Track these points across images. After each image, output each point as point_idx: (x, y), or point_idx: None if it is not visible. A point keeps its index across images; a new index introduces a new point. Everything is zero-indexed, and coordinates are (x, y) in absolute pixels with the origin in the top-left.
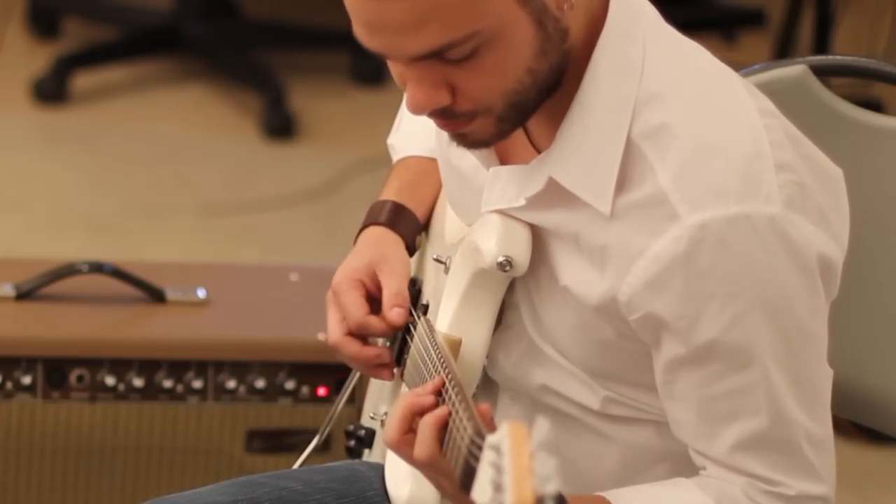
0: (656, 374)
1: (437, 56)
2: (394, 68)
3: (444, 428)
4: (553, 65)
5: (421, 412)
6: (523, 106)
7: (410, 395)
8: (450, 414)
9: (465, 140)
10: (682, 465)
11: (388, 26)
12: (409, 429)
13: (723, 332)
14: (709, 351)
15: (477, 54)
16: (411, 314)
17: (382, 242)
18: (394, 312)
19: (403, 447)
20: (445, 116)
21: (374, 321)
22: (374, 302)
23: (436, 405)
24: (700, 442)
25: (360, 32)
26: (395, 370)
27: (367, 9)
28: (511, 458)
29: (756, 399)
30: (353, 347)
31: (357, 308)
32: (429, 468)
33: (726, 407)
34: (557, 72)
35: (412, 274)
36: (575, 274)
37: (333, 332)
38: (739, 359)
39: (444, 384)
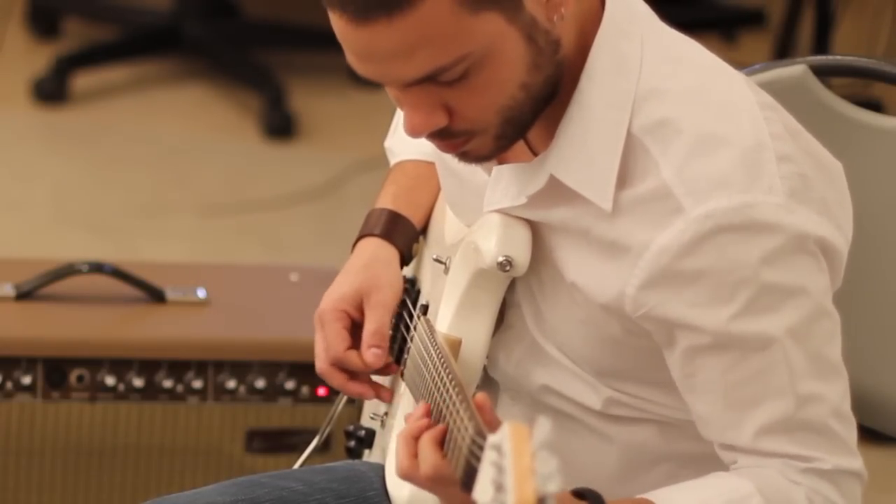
0: (674, 370)
1: (430, 80)
2: (390, 92)
3: (442, 441)
4: (547, 77)
5: (420, 434)
6: (519, 120)
7: (407, 421)
8: (449, 414)
9: (467, 157)
10: (683, 465)
11: (378, 54)
12: (416, 452)
13: (735, 318)
14: (725, 338)
15: (469, 75)
16: (410, 314)
17: (376, 262)
18: (370, 353)
19: (417, 472)
20: (443, 137)
21: (353, 357)
22: (359, 330)
23: (433, 425)
24: (728, 433)
25: (352, 60)
26: (395, 373)
27: (357, 38)
28: (512, 458)
29: (778, 380)
30: (337, 379)
31: (338, 342)
32: (439, 482)
33: (749, 392)
34: (552, 83)
35: (411, 274)
36: (583, 269)
37: (319, 360)
38: (756, 343)
39: (441, 388)
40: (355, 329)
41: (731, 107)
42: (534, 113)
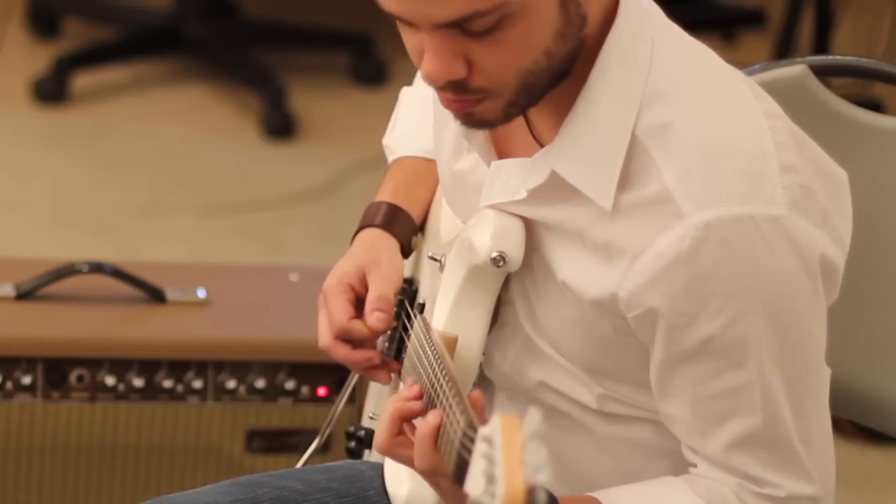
0: (651, 371)
1: (460, 26)
2: (411, 38)
3: (439, 435)
4: (569, 50)
5: (409, 417)
6: (534, 88)
7: (397, 400)
8: (442, 410)
9: (470, 119)
10: (680, 463)
11: None
12: (399, 432)
13: (721, 330)
14: (705, 349)
15: (499, 28)
16: (408, 313)
17: (376, 245)
18: (374, 317)
19: (396, 449)
20: (457, 90)
21: (357, 326)
22: (362, 305)
23: (423, 410)
24: (693, 439)
25: None
26: (395, 370)
27: None
28: (503, 450)
29: (751, 398)
30: (341, 351)
31: (342, 313)
32: (430, 475)
33: (721, 405)
34: (571, 58)
35: (408, 274)
36: (575, 269)
37: (323, 335)
38: (736, 357)
39: (436, 385)
40: (359, 304)
41: (736, 115)
42: (548, 85)
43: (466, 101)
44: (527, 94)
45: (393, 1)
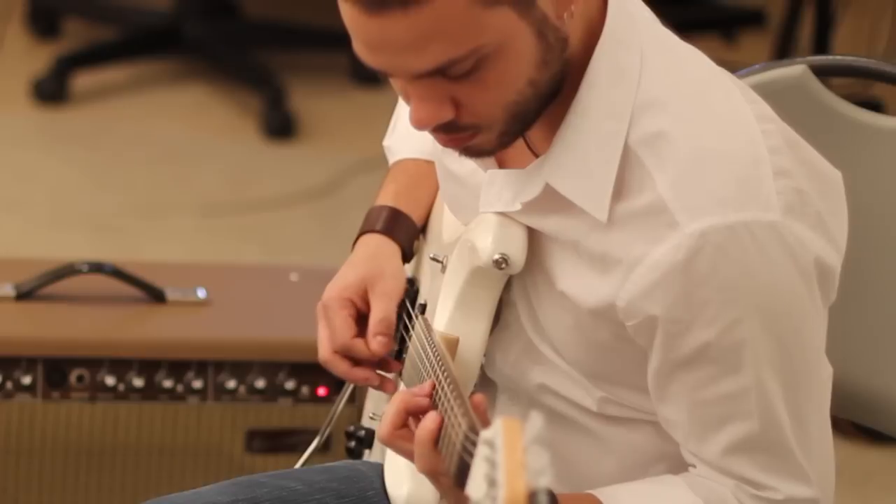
0: (649, 376)
1: (440, 73)
2: (396, 84)
3: (440, 437)
4: (554, 74)
5: (416, 412)
6: (525, 116)
7: (406, 393)
8: (444, 411)
9: (469, 151)
10: (680, 465)
11: (389, 45)
12: (403, 425)
13: (717, 337)
14: (702, 355)
15: (479, 69)
16: (409, 314)
17: (379, 255)
18: (376, 341)
19: (397, 441)
20: (448, 131)
21: (359, 345)
22: (363, 319)
23: (430, 406)
24: (691, 443)
25: (361, 50)
26: (396, 370)
27: (369, 28)
28: (504, 453)
29: (748, 403)
30: (341, 367)
31: (344, 329)
32: (430, 475)
33: (718, 411)
34: (558, 80)
35: (410, 274)
36: (573, 279)
37: (323, 348)
38: (732, 363)
39: (437, 385)
40: (360, 318)
41: (728, 121)
42: (538, 109)
43: (459, 138)
44: (518, 122)
45: (370, 56)
